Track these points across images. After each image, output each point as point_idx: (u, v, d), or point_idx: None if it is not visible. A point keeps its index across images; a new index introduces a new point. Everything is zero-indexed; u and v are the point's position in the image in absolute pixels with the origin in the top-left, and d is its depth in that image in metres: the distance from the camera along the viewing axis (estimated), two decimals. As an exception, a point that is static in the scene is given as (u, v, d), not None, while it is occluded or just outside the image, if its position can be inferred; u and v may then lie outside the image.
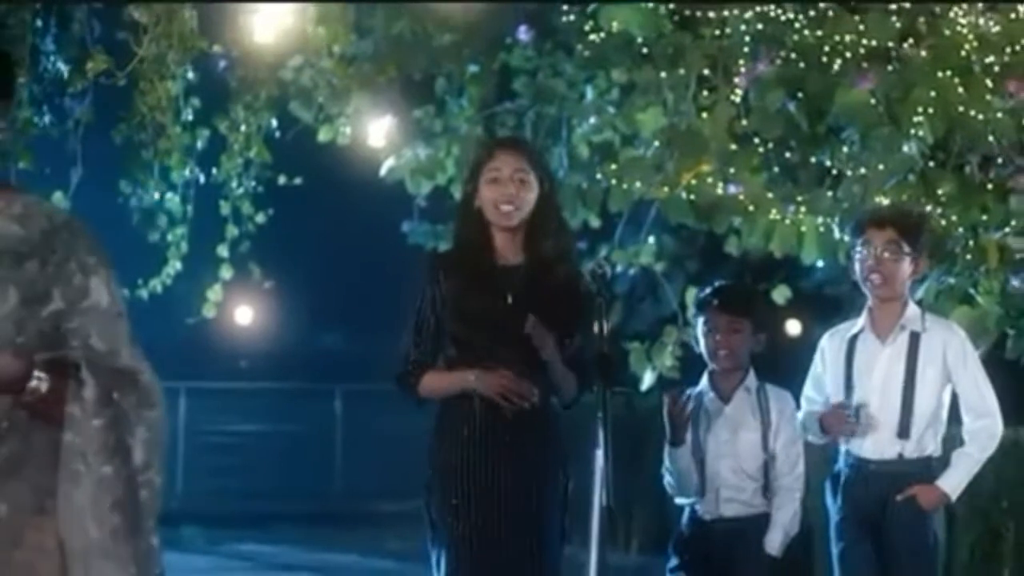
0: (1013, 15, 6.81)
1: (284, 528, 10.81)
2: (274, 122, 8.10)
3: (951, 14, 6.79)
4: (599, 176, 7.02)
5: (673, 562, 4.72)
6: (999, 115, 6.22)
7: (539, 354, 4.19)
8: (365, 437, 12.77)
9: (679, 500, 4.72)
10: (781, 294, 7.14)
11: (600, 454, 3.92)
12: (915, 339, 4.63)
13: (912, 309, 4.69)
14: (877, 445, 4.64)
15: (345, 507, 11.92)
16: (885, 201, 5.96)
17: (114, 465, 2.78)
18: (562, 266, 4.42)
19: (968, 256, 6.05)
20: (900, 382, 4.62)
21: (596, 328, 4.10)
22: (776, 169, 6.57)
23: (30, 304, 2.83)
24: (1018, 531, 8.05)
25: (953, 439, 4.79)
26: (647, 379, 7.01)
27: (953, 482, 4.60)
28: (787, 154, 6.54)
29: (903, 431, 4.60)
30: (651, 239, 7.55)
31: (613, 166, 6.87)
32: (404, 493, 11.33)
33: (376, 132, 7.98)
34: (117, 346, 2.81)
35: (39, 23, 6.84)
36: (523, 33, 7.74)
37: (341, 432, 13.04)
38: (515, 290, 4.30)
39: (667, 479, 4.71)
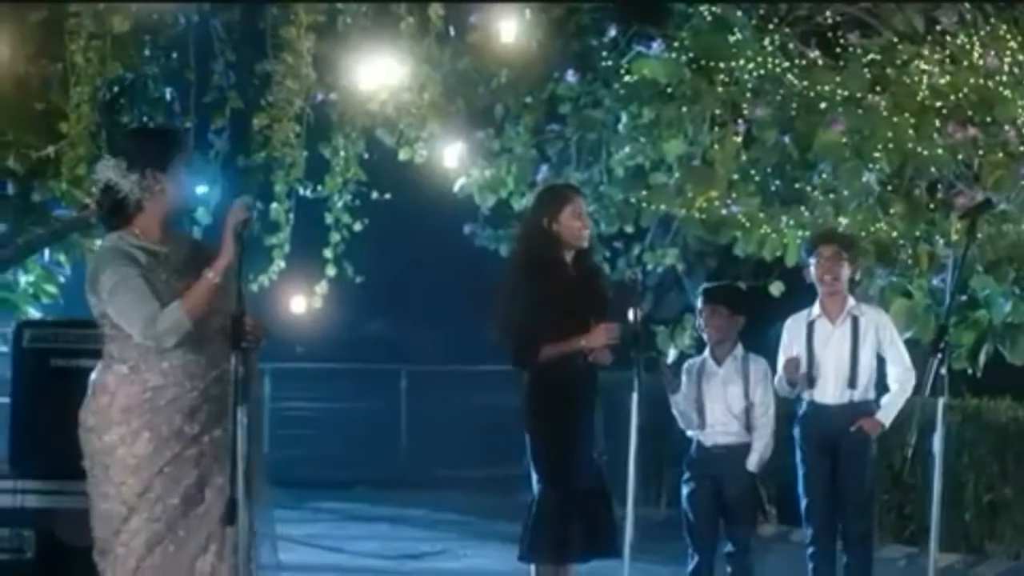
0: (966, 62, 9.41)
1: (359, 490, 13.12)
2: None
3: (913, 64, 9.39)
4: (632, 199, 9.62)
5: (686, 475, 7.31)
6: (940, 151, 8.84)
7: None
8: (427, 413, 15.26)
9: (688, 432, 7.29)
10: (776, 288, 9.63)
11: (635, 396, 6.51)
12: (856, 321, 7.17)
13: (851, 300, 7.23)
14: (834, 394, 7.16)
15: (410, 473, 14.25)
16: (845, 221, 8.63)
17: None
18: (600, 274, 7.05)
19: (908, 261, 8.74)
20: (848, 351, 7.15)
21: (631, 316, 6.70)
22: (766, 194, 9.21)
23: None
24: (976, 482, 10.05)
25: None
26: (671, 355, 9.62)
27: (887, 413, 7.14)
28: (776, 181, 9.19)
29: (852, 383, 7.14)
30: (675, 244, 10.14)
31: (644, 192, 9.51)
32: (461, 462, 13.98)
33: (450, 155, 10.22)
34: None
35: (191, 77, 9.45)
36: (571, 76, 10.29)
37: (405, 408, 15.34)
38: (578, 289, 6.73)
39: (679, 418, 7.32)
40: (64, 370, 7.54)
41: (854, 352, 7.20)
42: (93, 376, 5.41)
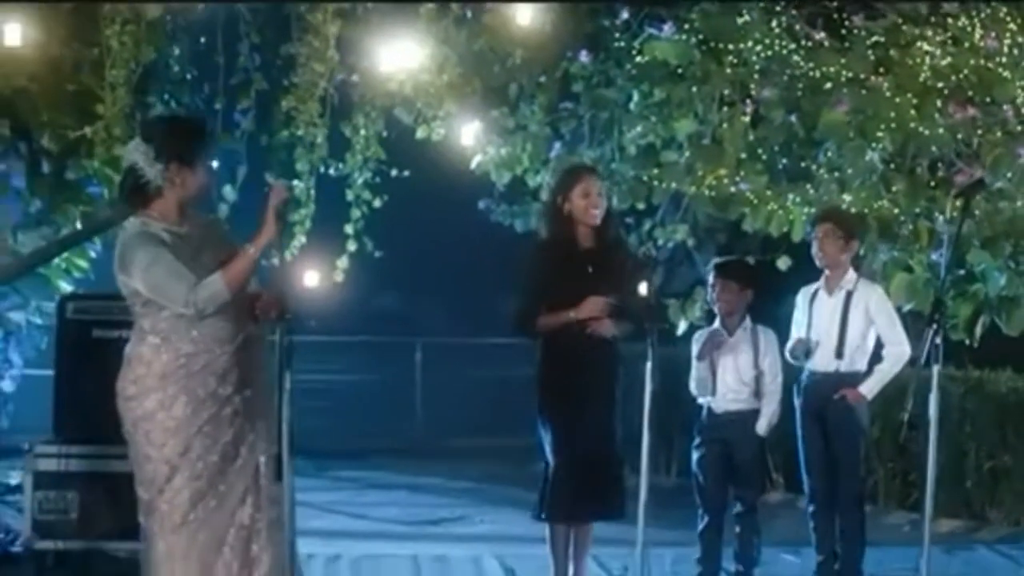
0: (968, 44, 9.83)
1: (376, 459, 13.53)
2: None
3: (916, 46, 9.81)
4: (644, 177, 10.08)
5: (696, 440, 7.83)
6: (940, 130, 9.29)
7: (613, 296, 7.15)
8: (441, 385, 15.65)
9: (700, 400, 7.80)
10: (783, 262, 10.01)
11: (649, 365, 7.00)
12: (848, 295, 7.67)
13: (850, 275, 7.72)
14: (822, 363, 7.69)
15: (425, 443, 14.69)
16: (848, 198, 9.09)
17: None
18: (620, 248, 7.51)
19: (909, 236, 9.23)
20: (837, 322, 7.66)
21: (645, 289, 7.21)
22: (773, 172, 9.66)
23: None
24: (978, 451, 10.49)
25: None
26: (681, 327, 10.10)
27: (869, 386, 7.62)
28: (783, 160, 9.64)
29: (839, 354, 7.65)
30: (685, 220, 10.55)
31: (655, 170, 9.95)
32: (475, 431, 14.43)
33: (467, 133, 10.57)
34: None
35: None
36: (584, 56, 10.67)
37: (420, 380, 15.67)
38: (592, 265, 7.28)
39: (692, 386, 7.80)
40: (105, 341, 8.04)
41: (843, 325, 7.70)
42: (127, 349, 5.91)
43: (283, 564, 5.75)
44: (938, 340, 6.41)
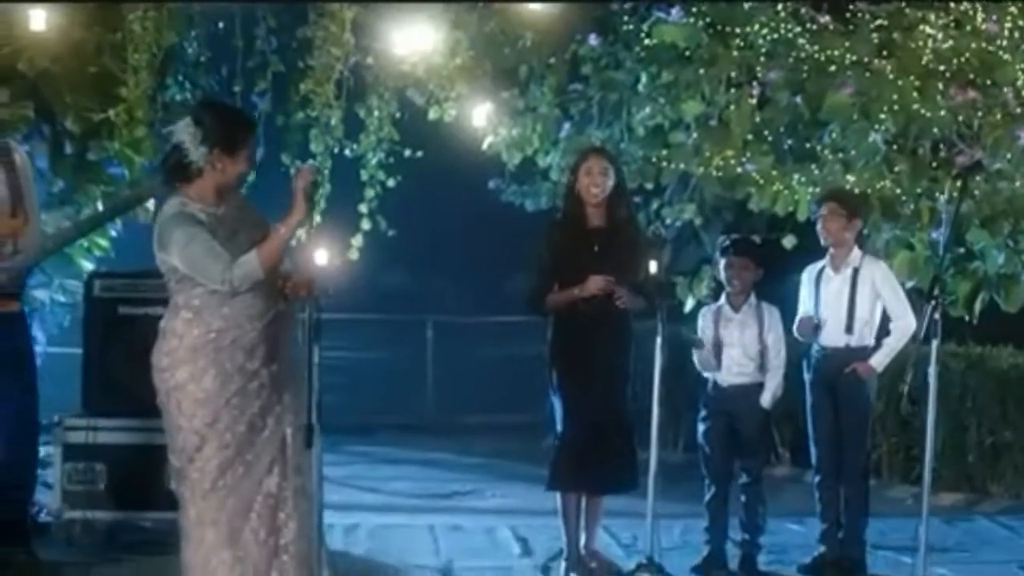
0: (969, 27, 10.14)
1: (388, 435, 13.77)
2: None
3: (918, 29, 10.13)
4: (653, 158, 10.40)
5: (702, 413, 8.15)
6: (942, 112, 9.61)
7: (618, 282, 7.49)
8: (452, 362, 15.93)
9: (705, 374, 8.13)
10: (789, 241, 10.33)
11: (659, 340, 7.37)
12: (855, 272, 7.97)
13: (855, 252, 8.03)
14: (832, 338, 8.00)
15: (436, 419, 14.93)
16: (852, 178, 9.43)
17: None
18: (629, 227, 7.82)
19: (911, 216, 9.57)
20: (846, 299, 7.97)
21: (655, 267, 7.55)
22: (779, 153, 10.00)
23: None
24: (979, 425, 10.75)
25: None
26: (688, 303, 10.45)
27: (878, 359, 7.94)
28: (789, 141, 9.97)
29: (848, 329, 7.96)
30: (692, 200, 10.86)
31: (663, 150, 10.29)
32: (485, 408, 14.72)
33: (478, 114, 10.86)
34: None
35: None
36: (593, 39, 10.97)
37: (431, 357, 15.85)
38: (600, 243, 7.63)
39: (697, 363, 8.14)
40: (131, 317, 8.37)
41: (851, 301, 8.01)
42: (162, 323, 6.19)
43: (308, 531, 6.07)
44: (937, 316, 6.75)
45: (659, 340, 7.40)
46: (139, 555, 8.09)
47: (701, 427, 8.21)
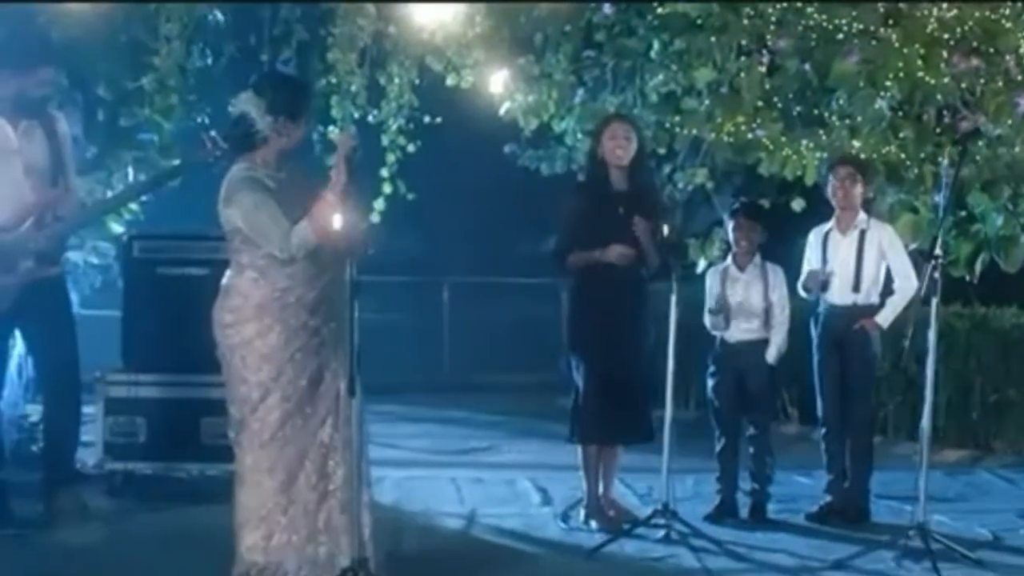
0: (971, -2, 10.51)
1: (406, 394, 14.09)
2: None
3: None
4: (666, 124, 10.89)
5: (711, 369, 8.69)
6: (946, 80, 10.06)
7: (639, 243, 8.00)
8: (467, 323, 16.49)
9: (714, 332, 8.65)
10: (798, 204, 10.72)
11: (674, 298, 7.90)
12: (862, 234, 8.49)
13: (861, 215, 8.54)
14: (841, 296, 8.51)
15: (453, 379, 15.54)
16: (858, 144, 9.91)
17: None
18: (652, 191, 8.38)
19: (915, 180, 10.07)
20: (853, 258, 8.48)
21: (668, 230, 8.08)
22: (788, 119, 10.42)
23: None
24: (983, 385, 11.23)
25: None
26: (700, 265, 10.95)
27: (884, 316, 8.45)
28: (797, 107, 10.45)
29: (856, 288, 8.48)
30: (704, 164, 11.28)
31: (676, 117, 10.75)
32: (499, 368, 15.13)
33: (495, 81, 11.31)
34: None
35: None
36: (607, 7, 11.31)
37: (448, 318, 16.57)
38: (624, 206, 8.14)
39: (707, 321, 8.66)
40: (169, 277, 8.90)
41: (859, 261, 8.52)
42: (224, 281, 6.59)
43: (352, 478, 6.48)
44: (936, 275, 7.28)
45: (673, 299, 7.88)
46: (177, 504, 8.53)
47: (710, 382, 8.73)
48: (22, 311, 7.79)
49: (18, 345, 8.67)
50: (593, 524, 8.27)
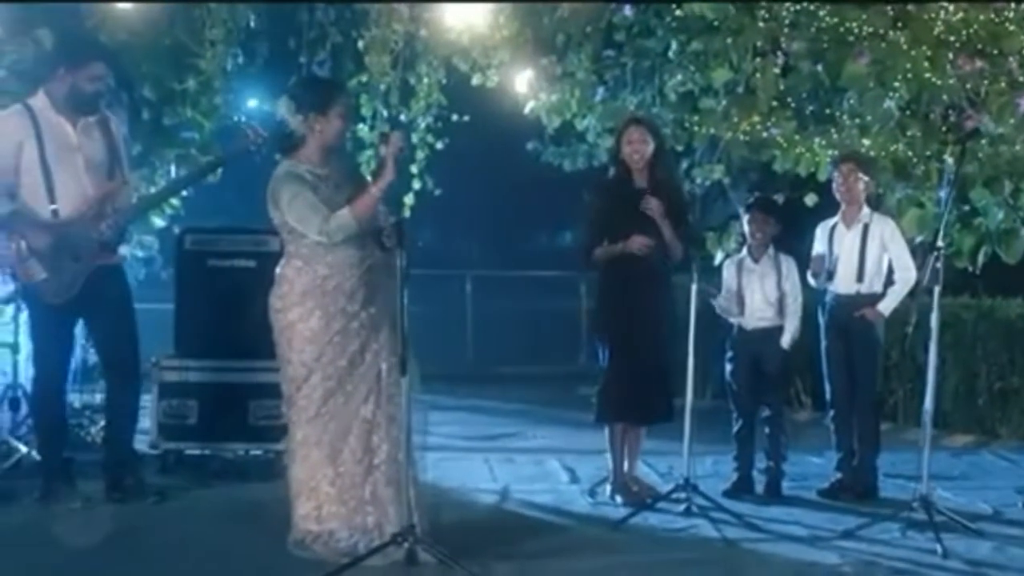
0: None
1: (432, 384, 14.64)
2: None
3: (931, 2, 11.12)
4: (685, 123, 11.49)
5: (729, 355, 9.35)
6: (951, 81, 10.56)
7: (661, 235, 8.68)
8: (490, 315, 17.02)
9: (731, 320, 9.32)
10: (811, 199, 11.31)
11: (694, 287, 8.61)
12: (866, 227, 9.12)
13: (865, 210, 9.17)
14: (845, 285, 9.14)
15: (476, 370, 16.03)
16: (868, 142, 10.57)
17: None
18: (671, 186, 9.02)
19: (921, 176, 10.72)
20: (857, 250, 9.10)
21: (691, 221, 8.78)
22: (801, 118, 11.00)
23: None
24: (989, 372, 11.79)
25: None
26: (718, 257, 11.54)
27: (885, 304, 9.07)
28: (810, 107, 11.08)
29: (859, 278, 9.11)
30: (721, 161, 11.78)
31: (694, 116, 11.29)
32: (522, 359, 15.69)
33: (520, 81, 11.99)
34: None
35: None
36: (627, 9, 11.76)
37: (471, 310, 17.02)
38: (645, 198, 8.87)
39: (718, 310, 9.32)
40: (219, 269, 9.51)
41: (862, 253, 9.12)
42: (277, 269, 7.24)
43: (397, 453, 7.07)
44: (939, 265, 7.89)
45: (693, 288, 8.46)
46: (226, 482, 9.12)
47: (728, 367, 9.39)
48: (87, 299, 8.32)
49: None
50: (618, 499, 8.87)
